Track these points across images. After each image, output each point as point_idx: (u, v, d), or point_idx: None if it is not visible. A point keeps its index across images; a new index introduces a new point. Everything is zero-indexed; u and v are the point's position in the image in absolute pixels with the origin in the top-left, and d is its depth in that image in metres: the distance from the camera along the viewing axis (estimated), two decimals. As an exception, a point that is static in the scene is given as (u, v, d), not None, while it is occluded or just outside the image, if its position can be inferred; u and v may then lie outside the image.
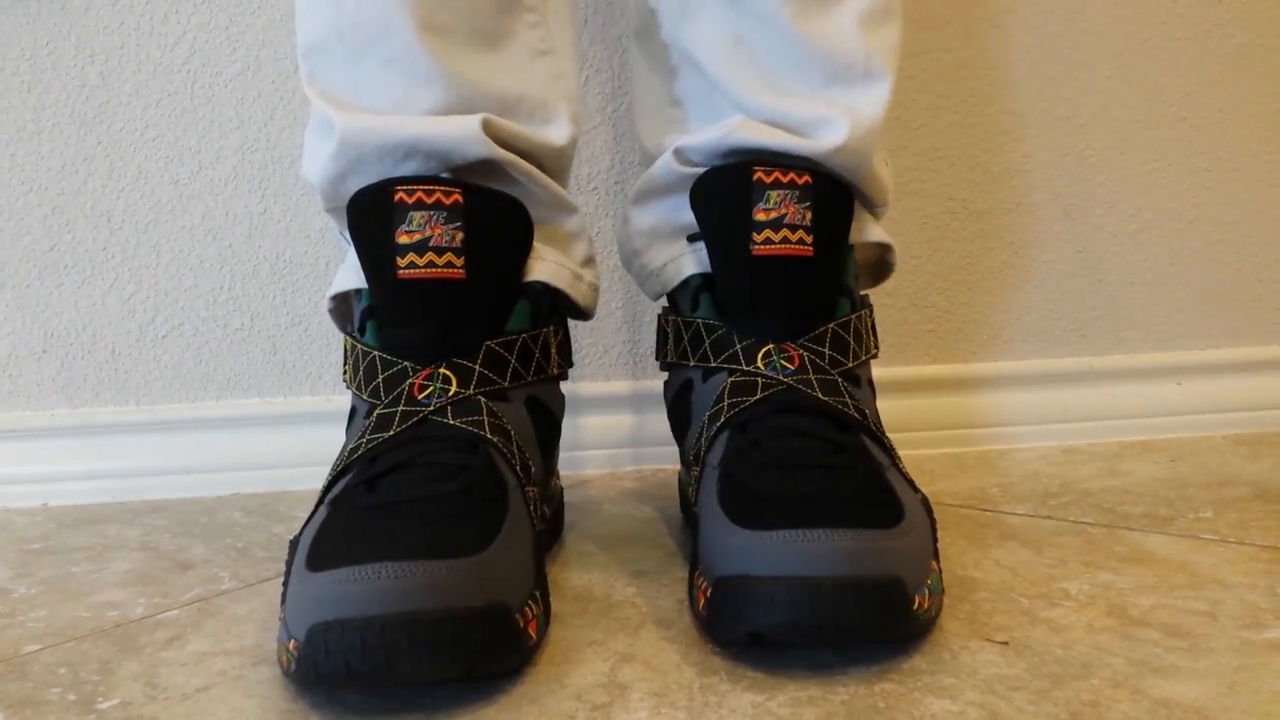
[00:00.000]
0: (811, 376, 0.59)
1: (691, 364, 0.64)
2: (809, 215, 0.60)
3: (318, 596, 0.45)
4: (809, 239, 0.60)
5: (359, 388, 0.59)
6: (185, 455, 0.88)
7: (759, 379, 0.59)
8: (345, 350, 0.62)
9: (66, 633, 0.56)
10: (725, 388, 0.60)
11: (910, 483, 0.57)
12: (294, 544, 0.52)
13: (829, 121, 0.62)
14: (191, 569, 0.67)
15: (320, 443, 0.90)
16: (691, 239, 0.66)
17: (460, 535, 0.48)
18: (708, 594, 0.50)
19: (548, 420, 0.64)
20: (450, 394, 0.57)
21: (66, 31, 0.86)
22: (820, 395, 0.58)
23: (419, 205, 0.57)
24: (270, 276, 0.90)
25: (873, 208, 0.68)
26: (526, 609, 0.49)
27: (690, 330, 0.64)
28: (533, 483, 0.58)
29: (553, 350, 0.63)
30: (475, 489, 0.52)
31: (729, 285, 0.62)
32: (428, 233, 0.57)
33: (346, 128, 0.60)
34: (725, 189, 0.61)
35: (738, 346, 0.61)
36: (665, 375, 0.71)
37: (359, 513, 0.51)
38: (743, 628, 0.48)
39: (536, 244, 0.62)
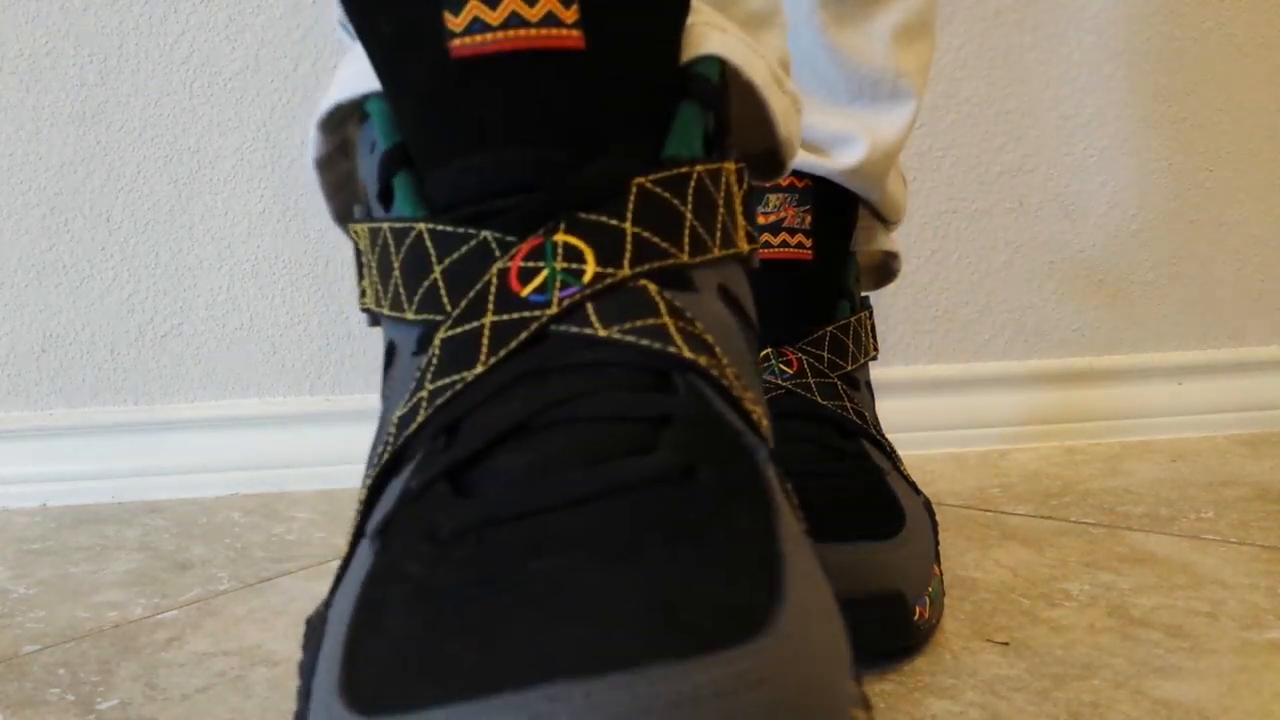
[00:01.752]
0: (810, 380, 0.59)
1: None
2: (809, 219, 0.60)
3: None
4: (809, 242, 0.60)
5: (395, 302, 0.31)
6: (185, 455, 0.88)
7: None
8: (357, 249, 0.34)
9: (65, 633, 0.56)
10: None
11: (912, 485, 0.57)
12: (313, 627, 0.28)
13: (848, 140, 0.61)
14: (190, 569, 0.67)
15: (320, 442, 0.90)
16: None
17: (713, 587, 0.22)
18: None
19: (752, 332, 0.37)
20: (588, 279, 0.29)
21: (65, 31, 0.86)
22: (819, 399, 0.58)
23: None
24: (269, 276, 0.90)
25: (884, 224, 0.68)
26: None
27: None
28: (769, 445, 0.31)
29: (738, 205, 0.34)
30: (701, 464, 0.25)
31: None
32: None
33: None
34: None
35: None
36: None
37: (448, 554, 0.24)
38: None
39: (699, 6, 0.34)
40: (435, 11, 0.29)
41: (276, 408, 0.90)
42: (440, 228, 0.30)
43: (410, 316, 0.31)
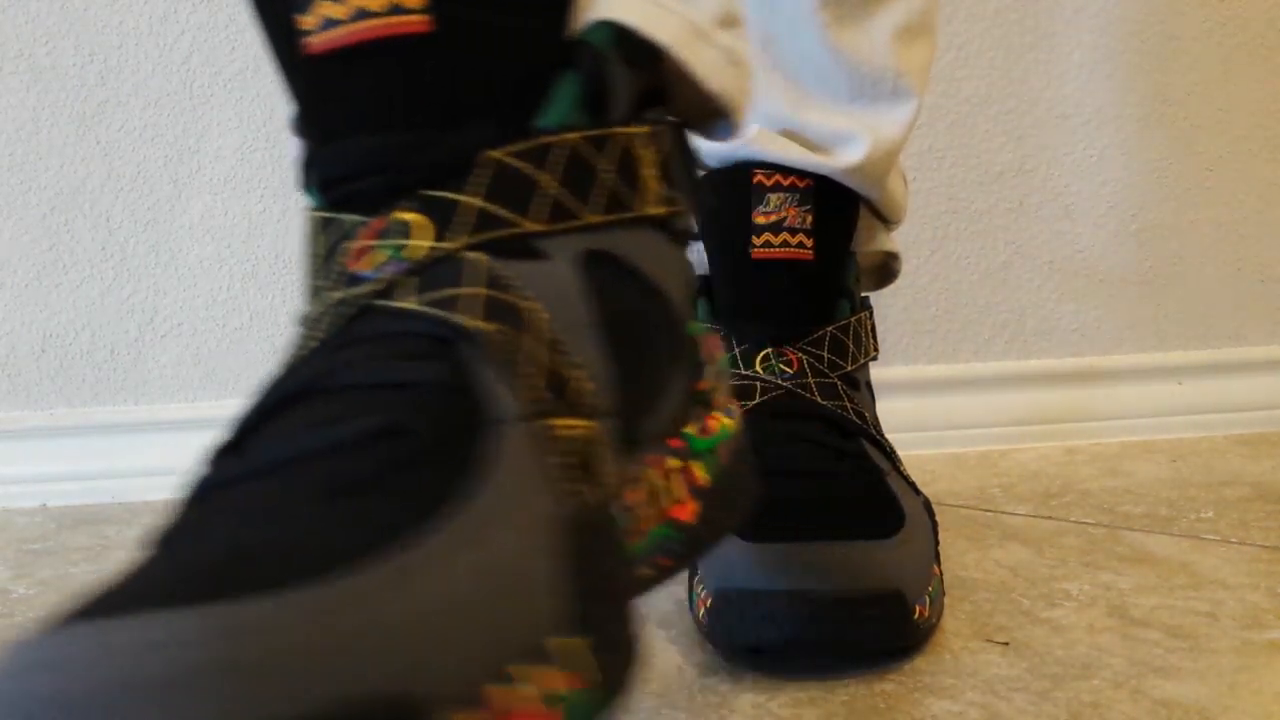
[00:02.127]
0: (810, 380, 0.59)
1: None
2: (809, 218, 0.60)
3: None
4: (809, 242, 0.60)
5: (307, 289, 0.34)
6: (185, 455, 0.88)
7: (757, 383, 0.59)
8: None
9: (65, 633, 0.56)
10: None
11: (911, 485, 0.57)
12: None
13: (848, 138, 0.61)
14: (190, 569, 0.67)
15: (320, 443, 0.90)
16: (694, 238, 0.66)
17: (321, 539, 0.24)
18: (708, 604, 0.50)
19: (643, 296, 0.35)
20: (418, 253, 0.30)
21: (65, 31, 0.86)
22: (819, 399, 0.58)
23: None
24: (270, 276, 0.90)
25: (885, 223, 0.68)
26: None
27: None
28: (574, 412, 0.31)
29: (643, 168, 0.34)
30: (413, 430, 0.28)
31: (727, 288, 0.62)
32: None
33: None
34: (725, 191, 0.61)
35: (735, 350, 0.60)
36: None
37: (185, 504, 0.29)
38: (743, 641, 0.48)
39: None
40: (288, 15, 0.31)
41: (276, 408, 0.90)
42: (316, 213, 0.33)
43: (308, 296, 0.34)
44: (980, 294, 0.98)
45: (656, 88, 0.36)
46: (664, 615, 0.56)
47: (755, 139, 0.62)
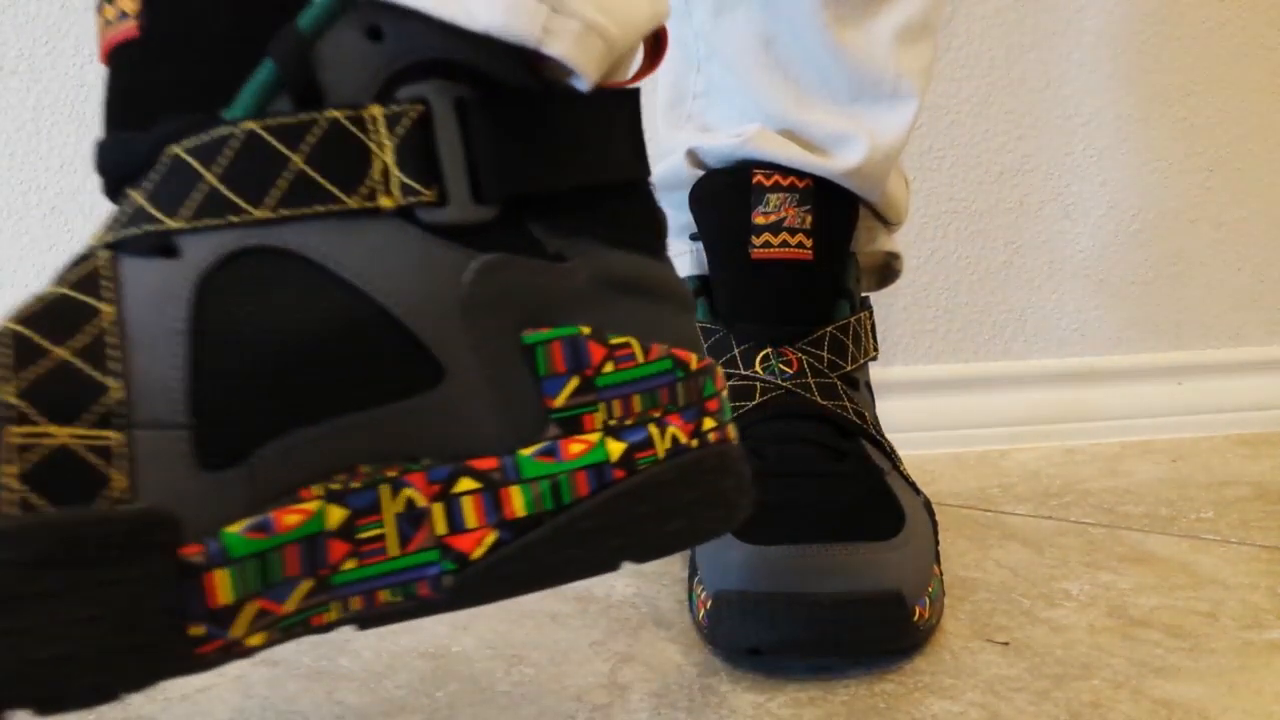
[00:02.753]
0: (810, 380, 0.59)
1: None
2: (809, 219, 0.60)
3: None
4: (809, 242, 0.60)
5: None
6: (184, 455, 0.88)
7: (757, 383, 0.59)
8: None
9: (65, 633, 0.56)
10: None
11: (911, 485, 0.57)
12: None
13: (848, 139, 0.61)
14: (191, 569, 0.67)
15: (320, 443, 0.90)
16: (694, 238, 0.66)
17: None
18: (707, 605, 0.50)
19: (321, 296, 0.34)
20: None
21: (66, 31, 0.86)
22: (819, 399, 0.58)
23: None
24: (270, 276, 0.90)
25: (886, 225, 0.68)
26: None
27: None
28: (88, 420, 0.31)
29: (377, 152, 0.33)
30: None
31: (726, 288, 0.62)
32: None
33: None
34: (724, 191, 0.61)
35: (735, 350, 0.60)
36: None
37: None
38: (742, 643, 0.48)
39: None
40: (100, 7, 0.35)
41: (276, 408, 0.90)
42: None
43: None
44: (980, 294, 0.98)
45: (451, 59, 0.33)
46: (664, 615, 0.56)
47: (755, 138, 0.62)
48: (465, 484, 0.34)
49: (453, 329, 0.34)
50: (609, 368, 0.36)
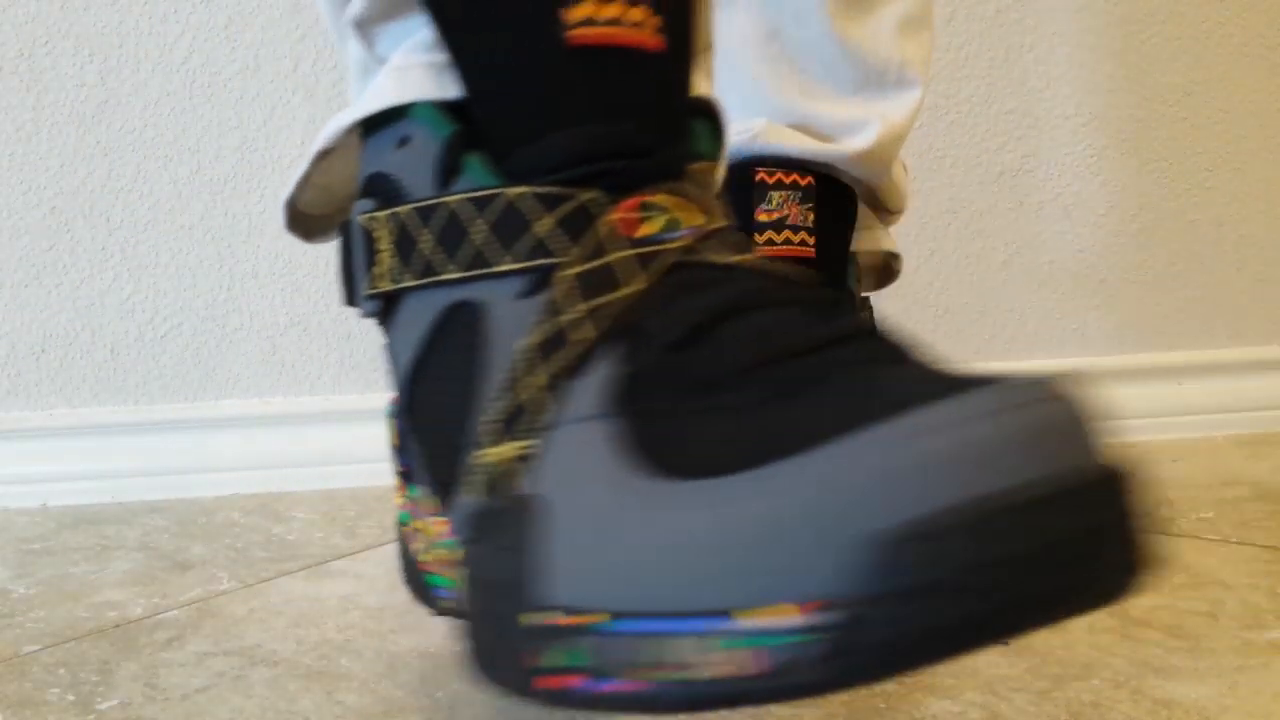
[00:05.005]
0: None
1: None
2: (811, 216, 0.60)
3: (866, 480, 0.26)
4: (811, 240, 0.60)
5: (475, 261, 0.35)
6: (184, 455, 0.88)
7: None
8: (369, 241, 0.38)
9: (65, 633, 0.56)
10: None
11: None
12: (521, 507, 0.31)
13: (856, 126, 0.62)
14: (190, 569, 0.67)
15: (320, 443, 0.90)
16: None
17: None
18: None
19: None
20: (701, 224, 0.36)
21: (65, 31, 0.86)
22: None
23: None
24: (269, 276, 0.90)
25: (887, 214, 0.68)
26: None
27: None
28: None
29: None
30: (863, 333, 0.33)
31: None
32: None
33: None
34: (727, 190, 0.61)
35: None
36: None
37: (752, 387, 0.30)
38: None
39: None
40: (552, 9, 0.34)
41: (276, 408, 0.90)
42: (544, 190, 0.35)
43: (510, 267, 0.35)
44: (980, 294, 0.98)
45: None
46: (664, 615, 0.56)
47: (763, 133, 0.62)
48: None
49: None
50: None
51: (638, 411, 0.30)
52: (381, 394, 0.90)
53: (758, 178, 0.60)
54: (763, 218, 0.60)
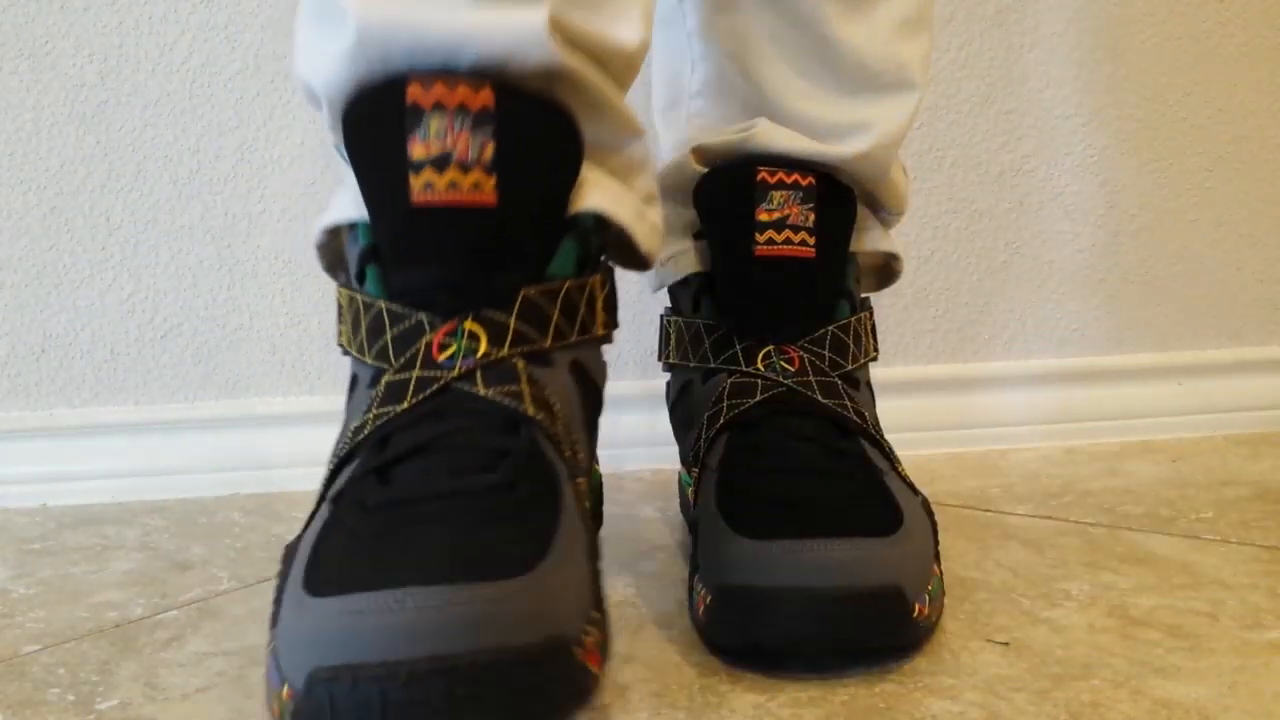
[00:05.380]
0: (811, 379, 0.59)
1: (692, 364, 0.64)
2: (812, 217, 0.60)
3: (320, 631, 0.35)
4: (811, 240, 0.60)
5: (360, 349, 0.47)
6: (184, 455, 0.88)
7: (759, 380, 0.59)
8: (340, 305, 0.50)
9: (65, 633, 0.56)
10: (725, 389, 0.60)
11: (910, 486, 0.57)
12: (289, 551, 0.43)
13: (854, 128, 0.62)
14: (190, 569, 0.67)
15: (320, 443, 0.90)
16: (697, 236, 0.66)
17: (504, 547, 0.38)
18: (707, 601, 0.50)
19: (593, 392, 0.53)
20: (479, 354, 0.44)
21: (65, 31, 0.86)
22: (820, 398, 0.58)
23: (438, 108, 0.44)
24: (269, 276, 0.90)
25: (887, 215, 0.68)
26: (585, 637, 0.39)
27: (691, 331, 0.64)
28: (581, 473, 0.47)
29: (599, 304, 0.50)
30: (518, 482, 0.41)
31: (730, 285, 0.62)
32: (448, 145, 0.44)
33: (367, 19, 0.45)
34: (728, 189, 0.61)
35: (737, 347, 0.60)
36: (668, 375, 0.71)
37: (371, 514, 0.41)
38: (744, 638, 0.48)
39: (589, 168, 0.49)
40: (402, 176, 0.44)
41: (276, 408, 0.90)
42: (392, 306, 0.46)
43: (368, 360, 0.47)
44: (980, 294, 0.98)
45: (605, 246, 0.52)
46: (664, 615, 0.56)
47: (762, 133, 0.62)
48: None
49: None
50: None
51: (333, 511, 0.42)
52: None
53: (759, 177, 0.60)
54: (764, 217, 0.60)
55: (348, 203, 0.49)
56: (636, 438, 0.90)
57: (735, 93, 0.65)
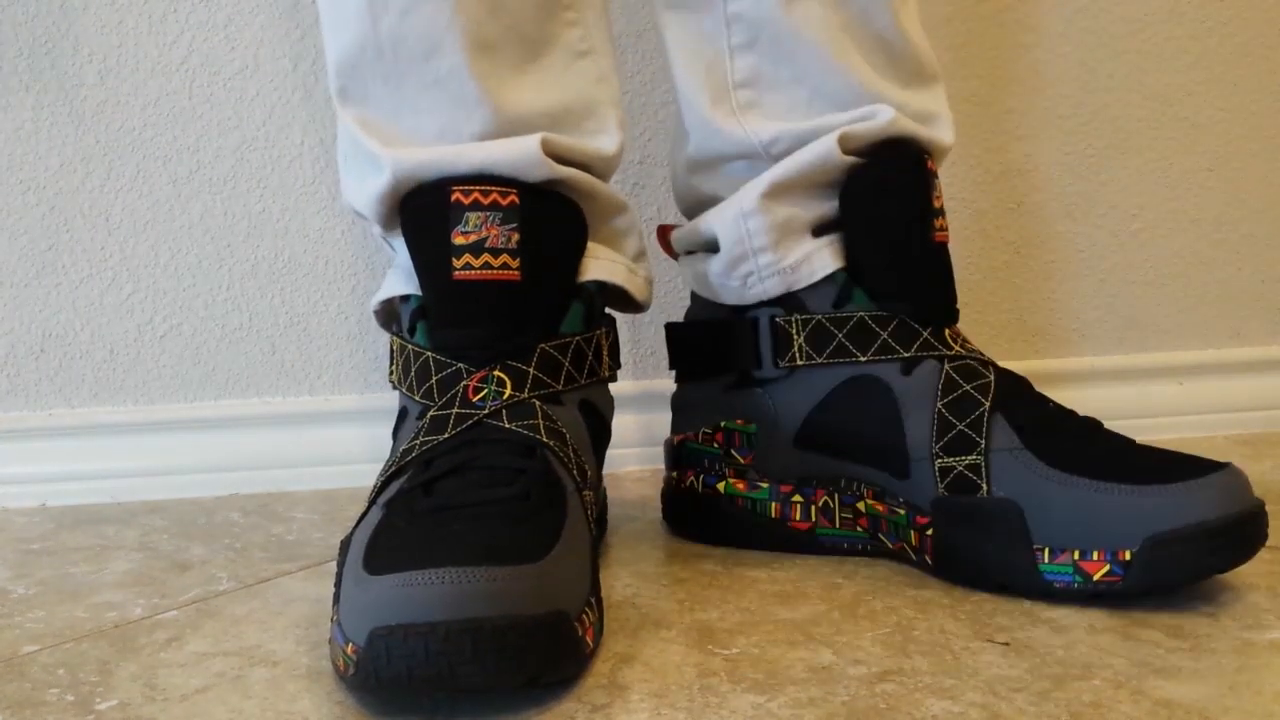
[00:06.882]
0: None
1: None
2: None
3: (378, 600, 0.44)
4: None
5: (410, 389, 0.60)
6: (184, 455, 0.88)
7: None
8: (392, 351, 0.63)
9: (65, 633, 0.56)
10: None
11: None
12: (345, 544, 0.52)
13: (937, 117, 0.68)
14: (190, 569, 0.67)
15: (319, 443, 0.90)
16: (816, 232, 0.66)
17: (521, 541, 0.47)
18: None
19: (599, 423, 0.64)
20: (505, 397, 0.57)
21: (64, 31, 0.86)
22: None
23: (475, 206, 0.57)
24: (269, 276, 0.90)
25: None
26: (584, 616, 0.48)
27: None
28: (588, 487, 0.58)
29: (604, 352, 0.64)
30: (533, 493, 0.51)
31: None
32: (484, 233, 0.57)
33: (400, 165, 0.59)
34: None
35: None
36: (670, 376, 0.71)
37: (418, 516, 0.50)
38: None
39: (590, 244, 0.62)
40: (446, 258, 0.58)
41: (276, 408, 0.90)
42: (438, 357, 0.59)
43: (417, 399, 0.60)
44: (980, 294, 0.98)
45: (607, 303, 0.67)
46: (664, 615, 0.56)
47: (898, 120, 0.65)
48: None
49: None
50: None
51: (385, 515, 0.52)
52: (381, 394, 0.90)
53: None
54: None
55: (401, 280, 0.62)
56: (632, 439, 0.91)
57: (794, 82, 0.65)
